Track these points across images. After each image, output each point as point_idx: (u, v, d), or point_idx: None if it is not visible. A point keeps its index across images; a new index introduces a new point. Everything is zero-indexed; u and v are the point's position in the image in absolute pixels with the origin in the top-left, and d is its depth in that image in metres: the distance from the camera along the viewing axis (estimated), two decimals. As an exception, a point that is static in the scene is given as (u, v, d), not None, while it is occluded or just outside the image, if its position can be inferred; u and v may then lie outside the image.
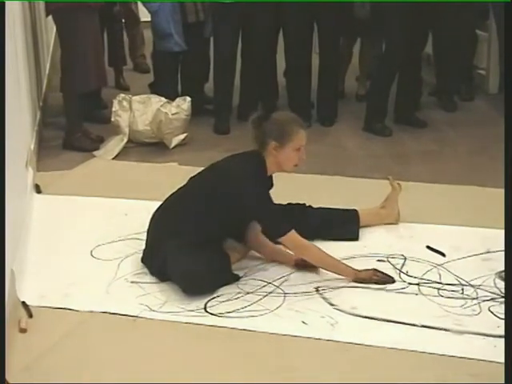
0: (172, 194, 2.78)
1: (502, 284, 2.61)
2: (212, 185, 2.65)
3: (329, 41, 4.50)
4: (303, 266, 2.71)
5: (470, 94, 5.11)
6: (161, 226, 2.74)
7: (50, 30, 5.78)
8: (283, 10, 4.38)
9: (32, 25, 4.40)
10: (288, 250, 2.72)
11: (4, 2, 2.54)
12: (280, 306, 2.50)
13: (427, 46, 4.77)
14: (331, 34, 4.47)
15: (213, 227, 2.66)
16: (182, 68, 4.69)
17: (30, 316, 2.41)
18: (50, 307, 2.49)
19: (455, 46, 4.77)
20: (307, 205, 3.02)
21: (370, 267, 2.71)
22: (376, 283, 2.61)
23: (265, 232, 2.72)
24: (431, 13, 4.34)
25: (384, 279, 2.63)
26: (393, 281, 2.63)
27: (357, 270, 2.64)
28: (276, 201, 2.95)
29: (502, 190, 3.37)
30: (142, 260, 2.77)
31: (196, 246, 2.61)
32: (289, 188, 3.30)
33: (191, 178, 2.77)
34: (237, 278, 2.66)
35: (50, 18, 4.28)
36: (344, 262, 2.70)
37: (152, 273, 2.70)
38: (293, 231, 2.59)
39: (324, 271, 2.68)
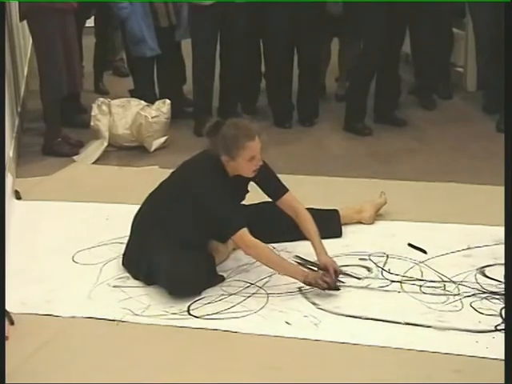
0: (149, 196, 2.79)
1: (482, 279, 2.63)
2: (176, 189, 2.69)
3: (308, 41, 4.50)
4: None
5: (449, 91, 5.14)
6: (144, 230, 2.73)
7: (27, 34, 5.72)
8: (262, 11, 4.39)
9: (8, 29, 4.36)
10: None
11: (4, 2, 2.51)
12: (263, 307, 2.50)
13: (406, 46, 4.79)
14: (311, 34, 4.48)
15: (193, 229, 2.66)
16: (158, 72, 4.68)
17: (12, 323, 2.39)
18: (31, 314, 2.47)
19: (433, 44, 4.80)
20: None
21: (352, 265, 2.74)
22: (321, 288, 2.53)
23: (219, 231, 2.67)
24: (407, 11, 4.36)
25: (328, 287, 2.52)
26: (337, 288, 2.53)
27: (306, 273, 2.57)
28: (256, 201, 2.96)
29: (481, 187, 3.45)
30: (124, 264, 2.76)
31: (181, 248, 2.61)
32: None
33: (164, 180, 2.78)
34: (222, 280, 2.66)
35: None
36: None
37: (136, 277, 2.69)
38: (244, 229, 2.55)
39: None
